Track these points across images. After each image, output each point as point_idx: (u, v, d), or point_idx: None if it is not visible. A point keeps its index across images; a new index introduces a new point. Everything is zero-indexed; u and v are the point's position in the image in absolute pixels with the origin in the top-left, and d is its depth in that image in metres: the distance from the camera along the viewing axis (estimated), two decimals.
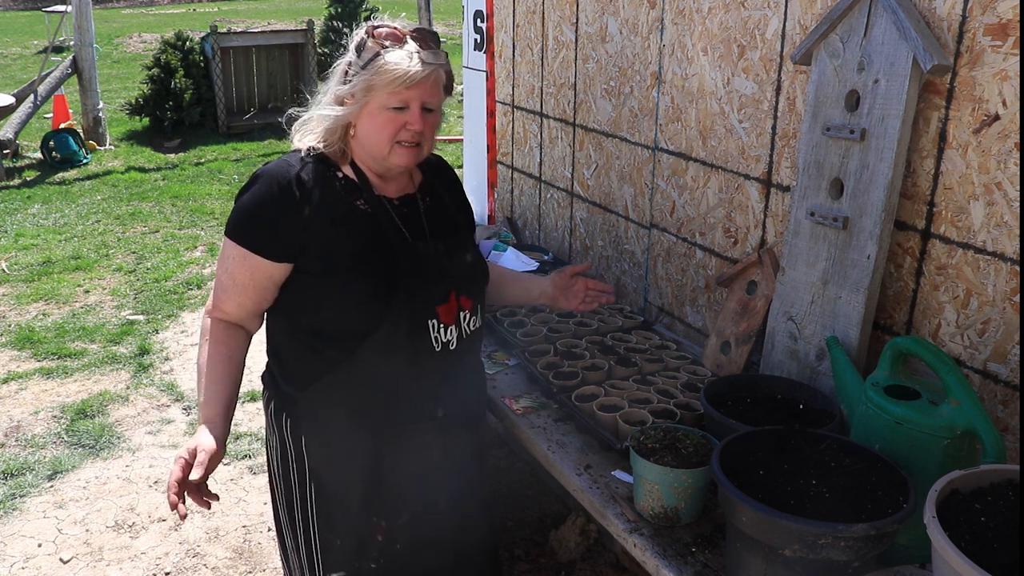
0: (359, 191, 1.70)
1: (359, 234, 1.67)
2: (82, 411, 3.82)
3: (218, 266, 1.73)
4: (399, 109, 1.63)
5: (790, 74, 2.11)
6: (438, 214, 1.82)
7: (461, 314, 1.76)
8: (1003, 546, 1.19)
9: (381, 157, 1.69)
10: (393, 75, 1.60)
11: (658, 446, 1.69)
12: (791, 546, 1.32)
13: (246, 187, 1.69)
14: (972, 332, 1.74)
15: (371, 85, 1.62)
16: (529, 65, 3.40)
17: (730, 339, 2.27)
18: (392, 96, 1.62)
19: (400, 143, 1.66)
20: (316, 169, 1.68)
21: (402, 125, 1.64)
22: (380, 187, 1.74)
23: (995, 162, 1.64)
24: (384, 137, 1.65)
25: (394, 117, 1.64)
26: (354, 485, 1.77)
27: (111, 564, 2.86)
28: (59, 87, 8.79)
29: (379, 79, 1.61)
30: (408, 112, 1.64)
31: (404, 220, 1.74)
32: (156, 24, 20.02)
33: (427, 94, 1.65)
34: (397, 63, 1.61)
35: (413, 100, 1.63)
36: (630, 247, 2.90)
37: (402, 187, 1.78)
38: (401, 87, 1.61)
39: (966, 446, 1.47)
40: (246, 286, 1.68)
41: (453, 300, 1.74)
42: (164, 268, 5.65)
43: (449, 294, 1.73)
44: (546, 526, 2.93)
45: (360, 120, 1.67)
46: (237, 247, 1.66)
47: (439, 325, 1.71)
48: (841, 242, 1.92)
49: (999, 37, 1.60)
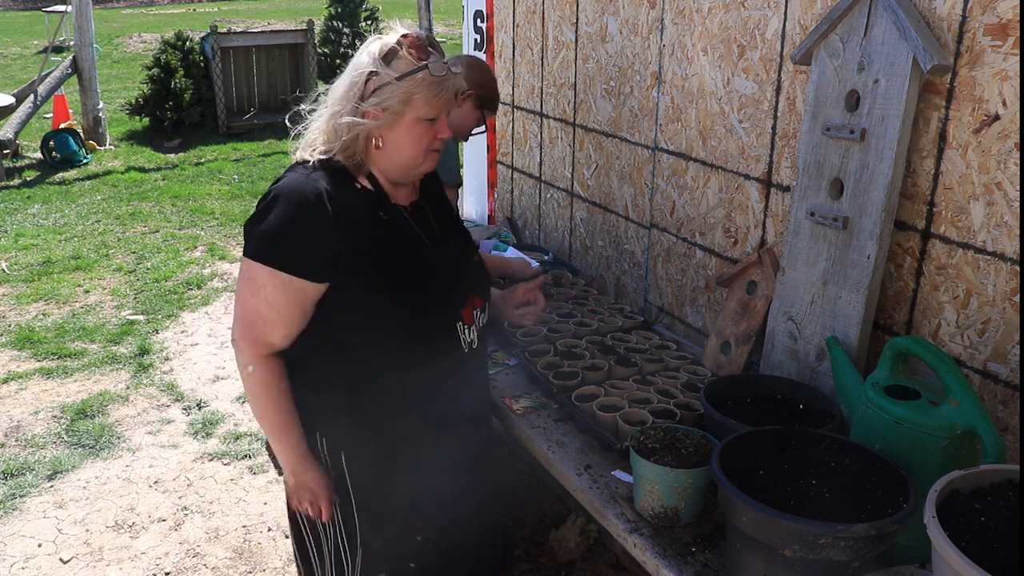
0: (379, 201, 1.68)
1: (388, 246, 1.65)
2: (82, 411, 3.82)
3: (248, 296, 1.61)
4: (433, 119, 1.63)
5: (790, 74, 2.11)
6: (443, 218, 1.83)
7: (475, 312, 1.78)
8: (1003, 546, 1.19)
9: (413, 167, 1.68)
10: (436, 88, 1.59)
11: (658, 446, 1.69)
12: (791, 546, 1.32)
13: (266, 208, 1.60)
14: (972, 332, 1.74)
15: (411, 98, 1.58)
16: (529, 65, 3.40)
17: (730, 339, 2.27)
18: (432, 108, 1.61)
19: (430, 151, 1.67)
20: (336, 181, 1.63)
21: (435, 135, 1.65)
22: (393, 195, 1.72)
23: (995, 162, 1.64)
24: (421, 148, 1.65)
25: (429, 128, 1.63)
26: (399, 491, 1.76)
27: (111, 564, 2.86)
28: (59, 87, 8.79)
29: (420, 92, 1.58)
30: (439, 122, 1.64)
31: (421, 227, 1.74)
32: (156, 24, 20.01)
33: (454, 102, 1.67)
34: (440, 74, 1.59)
35: (443, 110, 1.64)
36: (630, 247, 2.90)
37: (410, 194, 1.77)
38: (441, 98, 1.61)
39: (966, 446, 1.47)
40: (291, 312, 1.61)
41: (470, 301, 1.76)
42: (164, 268, 5.64)
43: (467, 296, 1.76)
44: (546, 526, 2.93)
45: (392, 132, 1.62)
46: (275, 272, 1.57)
47: (464, 327, 1.74)
48: (841, 242, 1.92)
49: (999, 37, 1.60)
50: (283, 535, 3.00)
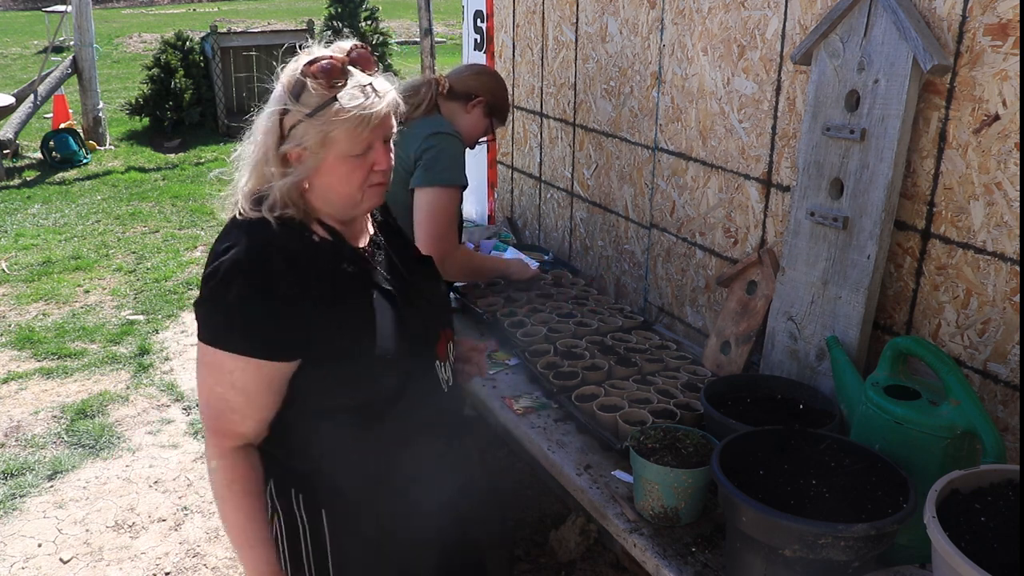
0: (340, 251, 1.48)
1: (358, 304, 1.47)
2: (82, 411, 3.82)
3: (213, 384, 1.42)
4: (364, 153, 1.41)
5: (790, 74, 2.11)
6: (400, 251, 1.65)
7: (448, 346, 1.64)
8: (1003, 546, 1.19)
9: (353, 205, 1.47)
10: (353, 121, 1.36)
11: (658, 446, 1.69)
12: (791, 546, 1.32)
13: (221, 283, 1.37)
14: (972, 332, 1.74)
15: (328, 136, 1.37)
16: (529, 65, 3.40)
17: (730, 339, 2.27)
18: (356, 143, 1.39)
19: (371, 186, 1.45)
20: (291, 238, 1.42)
21: (370, 168, 1.43)
22: (351, 238, 1.53)
23: (995, 162, 1.64)
24: (354, 186, 1.43)
25: (361, 163, 1.41)
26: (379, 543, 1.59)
27: (111, 564, 2.86)
28: (59, 87, 8.79)
29: (337, 129, 1.36)
30: (373, 152, 1.42)
31: (385, 270, 1.56)
32: (156, 24, 20.02)
33: (388, 127, 1.43)
34: (355, 105, 1.36)
35: (377, 139, 1.41)
36: (630, 247, 2.90)
37: (362, 230, 1.58)
38: (365, 131, 1.38)
39: (966, 446, 1.47)
40: (264, 396, 1.42)
41: (443, 336, 1.63)
42: (164, 268, 5.65)
43: (440, 332, 1.62)
44: (546, 526, 2.93)
45: (318, 174, 1.41)
46: (240, 359, 1.37)
47: (441, 366, 1.60)
48: (841, 242, 1.92)
49: (999, 37, 1.60)
50: None
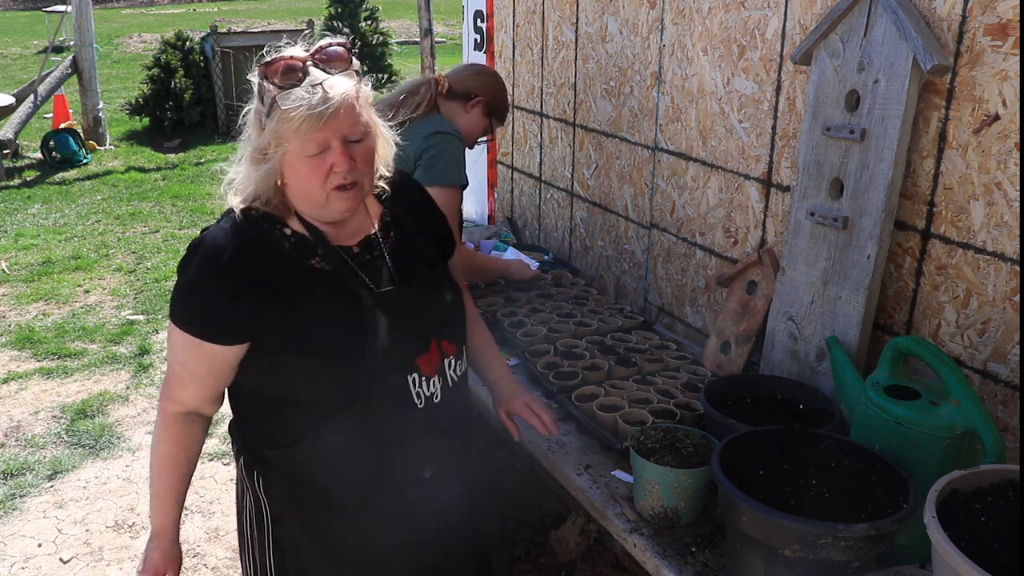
0: (312, 247, 1.49)
1: (318, 301, 1.46)
2: (82, 411, 3.82)
3: (168, 352, 1.53)
4: (320, 153, 1.40)
5: (790, 74, 2.11)
6: (405, 251, 1.60)
7: (445, 361, 1.57)
8: (1003, 546, 1.19)
9: (320, 206, 1.46)
10: (297, 120, 1.36)
11: (658, 446, 1.69)
12: (791, 546, 1.32)
13: (184, 264, 1.47)
14: (972, 332, 1.74)
15: (280, 135, 1.39)
16: (529, 65, 3.40)
17: (730, 339, 2.27)
18: (307, 143, 1.39)
19: (334, 189, 1.43)
20: (260, 231, 1.47)
21: (329, 169, 1.41)
22: (335, 236, 1.52)
23: (995, 162, 1.64)
24: (314, 186, 1.43)
25: (318, 163, 1.41)
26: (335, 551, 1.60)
27: (111, 564, 2.86)
28: (59, 87, 8.80)
29: (285, 128, 1.38)
30: (331, 152, 1.41)
31: (368, 269, 1.53)
32: (156, 24, 20.02)
33: (346, 127, 1.41)
34: (298, 105, 1.37)
35: (332, 139, 1.40)
36: (630, 247, 2.90)
37: (359, 229, 1.56)
38: (311, 130, 1.37)
39: (966, 446, 1.47)
40: (201, 375, 1.50)
41: (435, 348, 1.55)
42: (164, 268, 5.65)
43: (429, 342, 1.54)
44: (546, 526, 2.93)
45: (285, 172, 1.44)
46: (183, 334, 1.45)
47: (420, 379, 1.52)
48: (841, 242, 1.92)
49: (999, 37, 1.60)
50: None
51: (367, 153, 1.46)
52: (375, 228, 1.59)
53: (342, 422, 1.49)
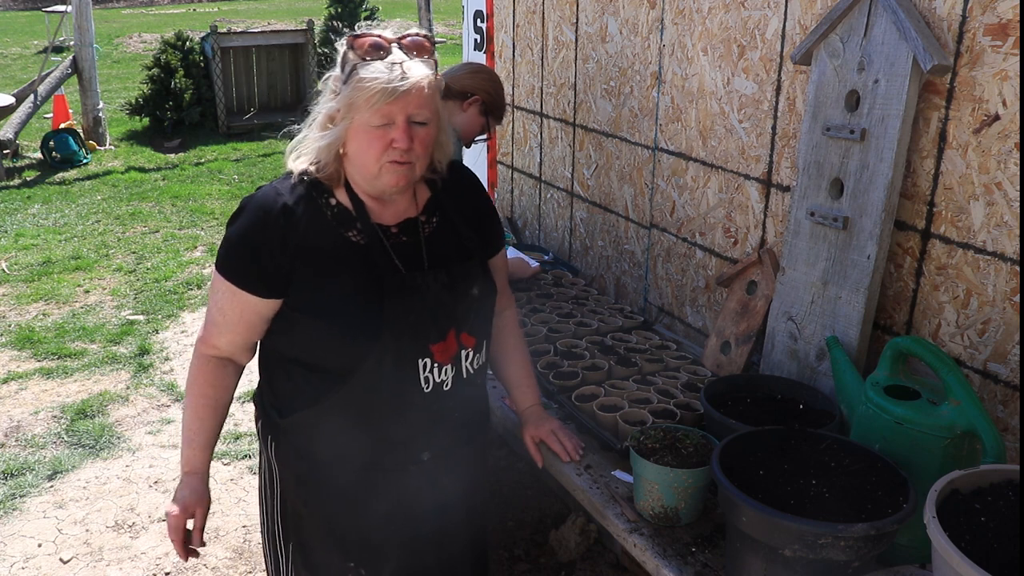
0: (352, 220, 1.58)
1: (346, 270, 1.55)
2: (82, 411, 3.82)
3: (209, 299, 1.64)
4: (384, 126, 1.50)
5: (790, 74, 2.11)
6: (443, 240, 1.66)
7: (462, 352, 1.62)
8: (1003, 546, 1.19)
9: (372, 177, 1.55)
10: (371, 90, 1.47)
11: (658, 446, 1.69)
12: (791, 546, 1.32)
13: (234, 216, 1.59)
14: (972, 332, 1.74)
15: (352, 102, 1.49)
16: (529, 65, 3.40)
17: (730, 339, 2.27)
18: (375, 113, 1.48)
19: (389, 162, 1.52)
20: (307, 196, 1.57)
21: (388, 143, 1.50)
22: (377, 213, 1.61)
23: (995, 162, 1.64)
24: (371, 157, 1.52)
25: (380, 134, 1.50)
26: (328, 525, 1.68)
27: (111, 564, 2.86)
28: (59, 87, 8.79)
29: (358, 96, 1.48)
30: (394, 128, 1.50)
31: (401, 250, 1.60)
32: (156, 24, 20.02)
33: (413, 107, 1.50)
34: (375, 77, 1.47)
35: (398, 115, 1.49)
36: (630, 247, 2.90)
37: (402, 211, 1.64)
38: (381, 103, 1.47)
39: (966, 446, 1.47)
40: (235, 322, 1.60)
41: (452, 339, 1.60)
42: (164, 268, 5.64)
43: (447, 332, 1.59)
44: (546, 526, 2.93)
45: (348, 140, 1.54)
46: (225, 282, 1.57)
47: (432, 364, 1.58)
48: (841, 242, 1.92)
49: (999, 37, 1.60)
50: None
51: (427, 138, 1.55)
52: (417, 212, 1.65)
53: (347, 393, 1.56)
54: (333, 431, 1.61)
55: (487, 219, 1.78)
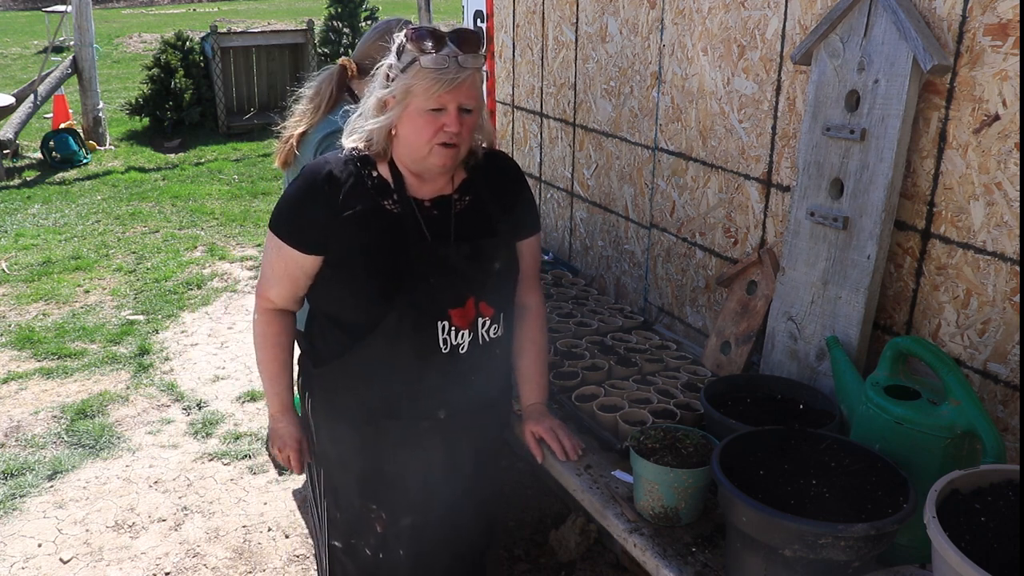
0: (389, 191, 1.76)
1: (377, 232, 1.72)
2: (82, 411, 3.82)
3: (264, 254, 1.85)
4: (437, 111, 1.66)
5: (790, 74, 2.11)
6: (472, 217, 1.81)
7: (480, 320, 1.77)
8: (1003, 546, 1.19)
9: (421, 158, 1.72)
10: (430, 79, 1.64)
11: (658, 446, 1.69)
12: (791, 546, 1.32)
13: (294, 179, 1.79)
14: (972, 332, 1.74)
15: (409, 89, 1.66)
16: (529, 65, 3.40)
17: (730, 339, 2.27)
18: (430, 99, 1.65)
19: (439, 144, 1.69)
20: (352, 168, 1.75)
21: (440, 127, 1.67)
22: (415, 187, 1.78)
23: (995, 162, 1.64)
24: (423, 139, 1.69)
25: (432, 119, 1.67)
26: (353, 470, 1.87)
27: (111, 564, 2.86)
28: (59, 87, 8.79)
29: (417, 83, 1.65)
30: (446, 114, 1.67)
31: (430, 221, 1.77)
32: (156, 24, 20.01)
33: (464, 96, 1.67)
34: (434, 67, 1.64)
35: (450, 102, 1.66)
36: (630, 247, 2.90)
37: (438, 188, 1.80)
38: (439, 91, 1.64)
39: (966, 446, 1.47)
40: (282, 276, 1.80)
41: (471, 305, 1.75)
42: (164, 268, 5.64)
43: (466, 299, 1.75)
44: (546, 526, 2.93)
45: (400, 122, 1.71)
46: (274, 238, 1.78)
47: (450, 328, 1.74)
48: (841, 242, 1.92)
49: (999, 37, 1.60)
50: (283, 535, 3.00)
51: (472, 124, 1.73)
52: (452, 191, 1.81)
53: (370, 347, 1.74)
54: (356, 382, 1.79)
55: (521, 204, 1.92)
